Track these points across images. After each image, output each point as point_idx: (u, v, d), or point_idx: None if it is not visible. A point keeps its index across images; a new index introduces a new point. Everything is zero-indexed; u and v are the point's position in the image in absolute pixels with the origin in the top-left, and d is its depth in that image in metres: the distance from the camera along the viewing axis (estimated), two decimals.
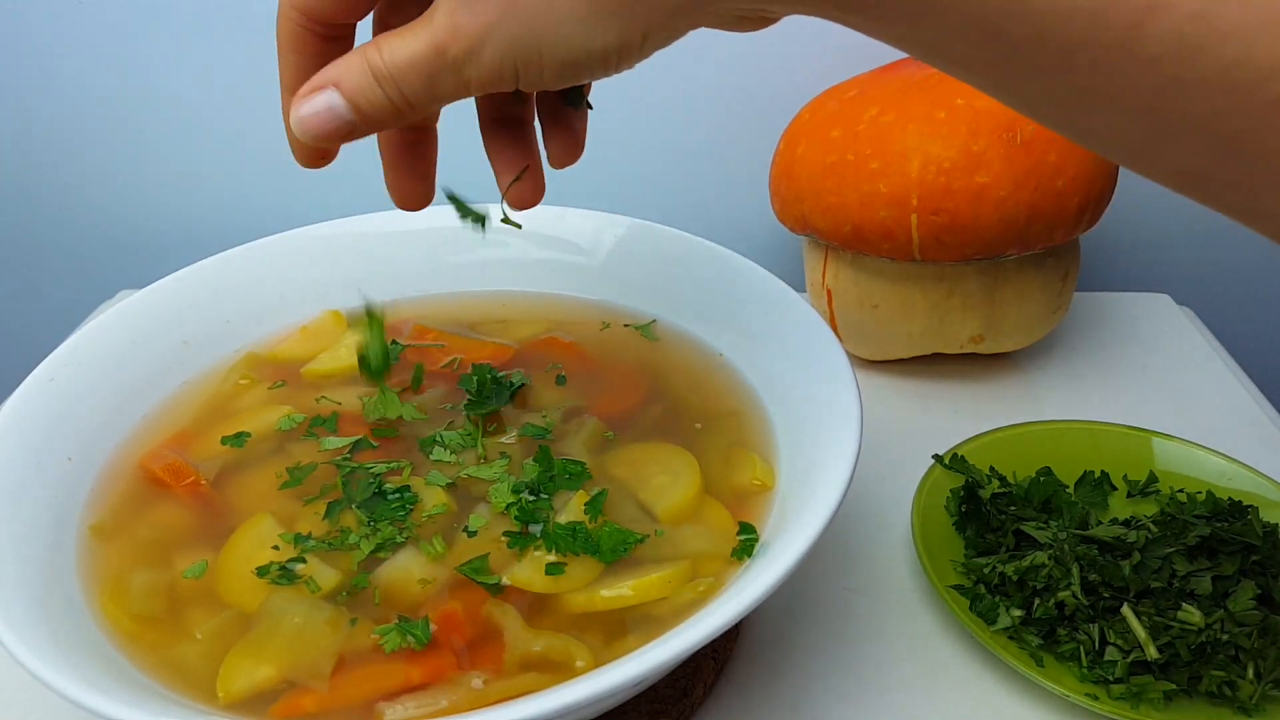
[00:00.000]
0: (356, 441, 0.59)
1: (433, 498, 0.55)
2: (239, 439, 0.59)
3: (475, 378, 0.63)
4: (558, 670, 0.46)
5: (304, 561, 0.51)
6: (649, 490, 0.55)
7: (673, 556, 0.51)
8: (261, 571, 0.51)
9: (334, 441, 0.59)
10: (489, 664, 0.46)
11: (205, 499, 0.56)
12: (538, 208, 0.72)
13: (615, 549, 0.51)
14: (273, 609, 0.49)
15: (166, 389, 0.63)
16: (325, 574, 0.50)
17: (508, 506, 0.53)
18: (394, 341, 0.66)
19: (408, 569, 0.51)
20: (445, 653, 0.47)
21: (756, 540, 0.51)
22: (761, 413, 0.60)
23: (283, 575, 0.50)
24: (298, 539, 0.52)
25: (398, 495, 0.55)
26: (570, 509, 0.53)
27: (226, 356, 0.66)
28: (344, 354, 0.66)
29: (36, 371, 0.58)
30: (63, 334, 0.68)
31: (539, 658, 0.47)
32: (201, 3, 0.88)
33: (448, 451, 0.58)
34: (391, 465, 0.57)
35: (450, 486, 0.55)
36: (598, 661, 0.46)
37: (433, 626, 0.47)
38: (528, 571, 0.50)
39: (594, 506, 0.53)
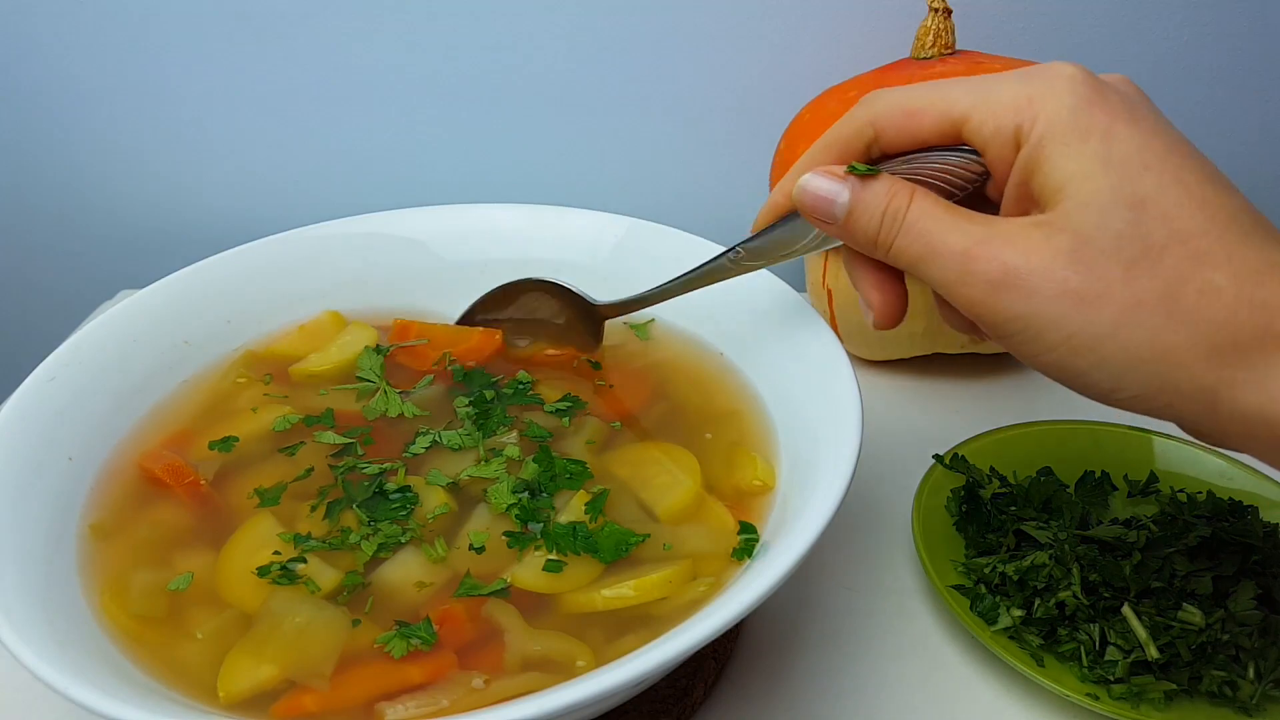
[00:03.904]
0: (351, 443, 0.59)
1: (434, 498, 0.55)
2: (226, 444, 0.59)
3: (475, 386, 0.62)
4: (558, 670, 0.46)
5: (304, 561, 0.51)
6: (650, 490, 0.55)
7: (673, 556, 0.51)
8: (262, 571, 0.50)
9: (330, 437, 0.59)
10: (490, 664, 0.46)
11: (204, 499, 0.56)
12: (538, 207, 0.73)
13: (615, 549, 0.51)
14: (274, 609, 0.48)
15: (167, 388, 0.63)
16: (326, 574, 0.50)
17: (508, 508, 0.53)
18: (378, 346, 0.66)
19: (408, 571, 0.51)
20: (446, 652, 0.47)
21: (757, 540, 0.51)
22: (762, 413, 0.60)
23: (283, 575, 0.50)
24: (297, 539, 0.52)
25: (399, 495, 0.55)
26: (571, 508, 0.53)
27: (226, 356, 0.66)
28: (334, 353, 0.66)
29: (37, 371, 0.58)
30: (63, 333, 0.68)
31: (540, 657, 0.47)
32: (202, 3, 0.88)
33: (448, 451, 0.58)
34: (388, 465, 0.57)
35: (451, 486, 0.55)
36: (598, 661, 0.46)
37: (435, 627, 0.47)
38: (529, 573, 0.50)
39: (594, 506, 0.53)
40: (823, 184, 0.46)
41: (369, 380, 0.63)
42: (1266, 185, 0.94)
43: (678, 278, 0.59)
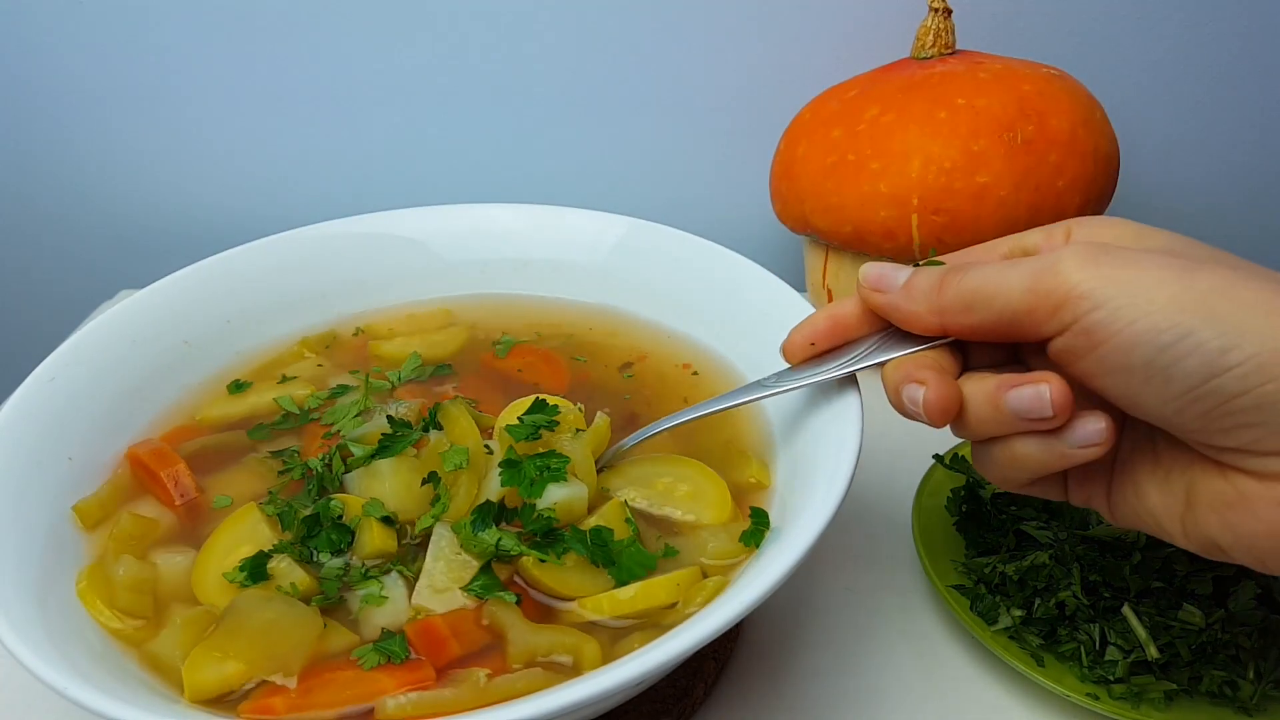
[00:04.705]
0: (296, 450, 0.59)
1: (371, 535, 0.51)
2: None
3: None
4: (561, 668, 0.46)
5: (270, 558, 0.50)
6: (674, 500, 0.54)
7: (684, 561, 0.51)
8: (240, 568, 0.50)
9: (289, 401, 0.61)
10: (491, 662, 0.46)
11: (186, 490, 0.56)
12: (538, 207, 0.73)
13: (633, 568, 0.50)
14: (240, 605, 0.48)
15: (167, 389, 0.63)
16: (299, 574, 0.50)
17: (497, 543, 0.50)
18: (438, 364, 0.66)
19: (385, 589, 0.50)
20: (425, 666, 0.46)
21: (768, 528, 0.50)
22: (762, 413, 0.60)
23: (252, 577, 0.50)
24: (280, 544, 0.52)
25: (342, 526, 0.52)
26: (603, 514, 0.52)
27: (226, 356, 0.66)
28: (414, 342, 0.66)
29: (37, 371, 0.58)
30: (63, 334, 0.68)
31: (543, 655, 0.46)
32: (202, 3, 0.88)
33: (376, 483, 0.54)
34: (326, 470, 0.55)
35: (388, 521, 0.52)
36: (603, 659, 0.46)
37: (413, 656, 0.46)
38: (539, 569, 0.49)
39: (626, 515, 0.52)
40: (888, 265, 0.48)
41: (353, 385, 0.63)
42: (1267, 185, 0.94)
43: (689, 410, 0.55)
